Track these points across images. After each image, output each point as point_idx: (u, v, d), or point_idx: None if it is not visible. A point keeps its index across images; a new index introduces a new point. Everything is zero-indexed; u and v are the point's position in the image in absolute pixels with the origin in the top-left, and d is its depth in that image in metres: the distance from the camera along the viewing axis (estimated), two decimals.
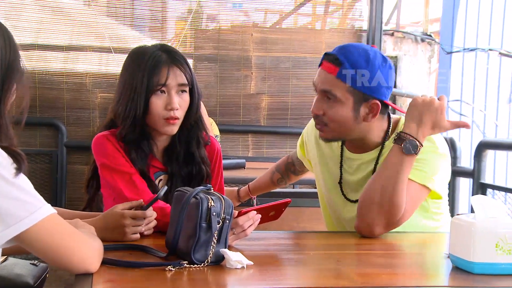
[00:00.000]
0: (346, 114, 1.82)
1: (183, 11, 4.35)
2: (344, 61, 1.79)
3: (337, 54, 1.82)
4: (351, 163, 1.96)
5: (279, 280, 1.39)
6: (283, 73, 4.38)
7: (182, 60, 1.85)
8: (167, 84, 1.81)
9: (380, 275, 1.41)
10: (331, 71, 1.81)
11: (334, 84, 1.81)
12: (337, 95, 1.81)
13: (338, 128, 1.86)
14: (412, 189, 1.77)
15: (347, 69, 1.79)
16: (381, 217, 1.72)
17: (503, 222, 1.39)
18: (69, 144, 4.12)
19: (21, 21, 4.06)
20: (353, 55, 1.80)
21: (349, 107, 1.82)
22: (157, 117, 1.83)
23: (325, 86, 1.83)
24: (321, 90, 1.84)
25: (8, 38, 1.30)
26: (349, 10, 4.55)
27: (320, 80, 1.85)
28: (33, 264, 1.90)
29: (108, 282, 1.27)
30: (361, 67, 1.79)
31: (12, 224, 1.19)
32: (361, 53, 1.81)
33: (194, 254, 1.39)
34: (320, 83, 1.85)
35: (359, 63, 1.79)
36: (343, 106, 1.82)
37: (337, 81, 1.80)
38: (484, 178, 3.66)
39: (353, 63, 1.79)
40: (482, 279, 1.36)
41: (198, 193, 1.43)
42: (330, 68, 1.82)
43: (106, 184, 1.85)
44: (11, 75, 1.29)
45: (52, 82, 4.11)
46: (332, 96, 1.82)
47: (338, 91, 1.81)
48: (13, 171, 1.20)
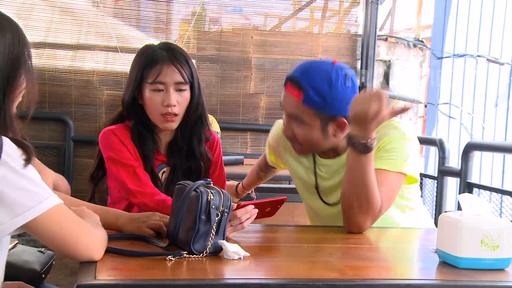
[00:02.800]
0: (315, 134, 1.82)
1: (186, 13, 4.42)
2: (307, 87, 1.76)
3: (300, 79, 1.78)
4: (327, 169, 1.94)
5: (274, 271, 1.40)
6: (281, 74, 4.43)
7: (182, 59, 1.86)
8: (165, 82, 1.84)
9: (370, 268, 1.42)
10: (295, 95, 1.78)
11: (300, 109, 1.78)
12: (304, 119, 1.80)
13: (311, 146, 1.87)
14: (389, 179, 1.78)
15: (310, 95, 1.75)
16: (364, 216, 1.74)
17: (489, 220, 1.40)
18: (76, 139, 4.20)
19: (31, 20, 4.14)
20: (315, 81, 1.76)
21: (317, 128, 1.80)
22: (155, 113, 1.87)
23: (292, 110, 1.81)
24: (289, 114, 1.83)
25: (17, 34, 1.29)
26: (345, 15, 4.62)
27: (286, 104, 1.83)
28: (40, 252, 1.93)
29: (111, 269, 1.28)
30: (324, 92, 1.75)
31: (20, 213, 1.20)
32: (323, 77, 1.77)
33: (193, 245, 1.39)
34: (287, 107, 1.83)
35: (322, 88, 1.76)
36: (311, 129, 1.81)
37: (302, 106, 1.78)
38: (471, 177, 3.70)
39: (315, 88, 1.76)
40: (468, 273, 1.36)
41: (198, 186, 1.44)
42: (294, 93, 1.79)
43: (112, 176, 1.90)
44: (18, 70, 1.28)
45: (60, 79, 4.19)
46: (300, 120, 1.81)
47: (305, 116, 1.79)
48: (22, 162, 1.21)
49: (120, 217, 1.65)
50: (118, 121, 1.95)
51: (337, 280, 1.31)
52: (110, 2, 4.35)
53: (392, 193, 1.81)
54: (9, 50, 1.26)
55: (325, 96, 1.76)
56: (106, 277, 1.23)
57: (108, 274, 1.25)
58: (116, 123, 1.94)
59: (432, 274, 1.43)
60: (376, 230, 1.87)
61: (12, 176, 1.20)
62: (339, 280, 1.31)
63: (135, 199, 1.83)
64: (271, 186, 3.29)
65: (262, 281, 1.28)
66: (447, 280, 1.36)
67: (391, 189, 1.80)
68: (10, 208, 1.20)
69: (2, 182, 1.19)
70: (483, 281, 1.34)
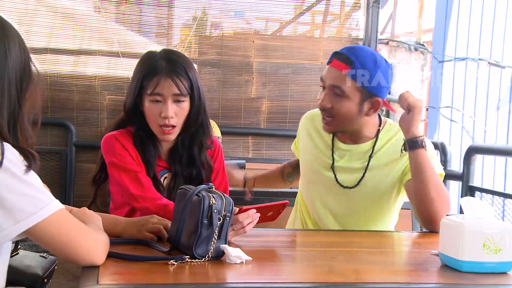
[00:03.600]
0: (352, 108, 1.94)
1: (188, 18, 4.43)
2: (355, 61, 1.90)
3: (348, 54, 1.93)
4: (340, 152, 2.06)
5: (276, 275, 1.40)
6: (282, 79, 4.46)
7: (182, 70, 1.85)
8: (162, 94, 1.83)
9: (373, 272, 1.43)
10: (342, 68, 1.92)
11: (344, 81, 1.91)
12: (346, 91, 1.92)
13: (343, 121, 1.97)
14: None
15: (357, 69, 1.89)
16: (445, 205, 1.83)
17: (491, 223, 1.41)
18: (78, 144, 4.21)
19: (34, 26, 4.16)
20: (362, 57, 1.91)
21: (355, 102, 1.93)
22: (153, 123, 1.87)
23: (335, 82, 1.93)
24: (331, 85, 1.95)
25: (22, 43, 1.31)
26: (346, 19, 4.64)
27: (330, 76, 1.95)
28: (42, 257, 1.91)
29: (114, 274, 1.28)
30: (369, 68, 1.90)
31: (22, 219, 1.20)
32: (370, 55, 1.93)
33: (195, 249, 1.40)
34: (330, 79, 1.94)
35: (368, 64, 1.91)
36: (350, 101, 1.93)
37: (347, 78, 1.91)
38: (473, 181, 3.68)
39: (362, 63, 1.90)
40: (470, 277, 1.37)
41: (200, 191, 1.45)
42: (341, 66, 1.92)
43: (114, 181, 1.89)
44: (28, 78, 1.31)
45: (63, 84, 4.20)
46: (341, 92, 1.93)
47: (347, 88, 1.92)
48: (23, 168, 1.21)
49: (118, 223, 1.66)
50: (120, 126, 1.96)
51: (340, 284, 1.32)
52: (111, 7, 4.37)
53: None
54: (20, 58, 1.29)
55: (370, 72, 1.90)
56: (109, 281, 1.23)
57: (110, 279, 1.25)
58: (118, 128, 1.95)
59: (434, 277, 1.44)
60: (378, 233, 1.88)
61: (14, 182, 1.20)
62: (342, 284, 1.31)
63: (138, 204, 1.83)
64: (272, 190, 3.29)
65: (265, 285, 1.28)
66: (450, 284, 1.36)
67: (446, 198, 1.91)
68: (12, 214, 1.20)
69: (3, 188, 1.19)
70: (486, 285, 1.35)
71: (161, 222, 1.64)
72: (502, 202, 3.79)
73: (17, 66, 1.27)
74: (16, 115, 1.27)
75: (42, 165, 4.05)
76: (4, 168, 1.19)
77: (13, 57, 1.27)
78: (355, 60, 1.90)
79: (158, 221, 1.64)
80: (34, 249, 2.49)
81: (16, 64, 1.27)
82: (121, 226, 1.65)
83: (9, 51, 1.26)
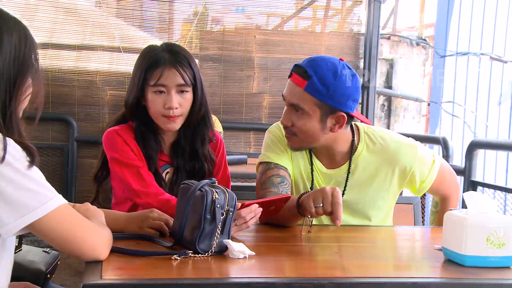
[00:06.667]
0: (313, 125, 1.82)
1: (189, 13, 4.43)
2: (312, 75, 1.77)
3: (306, 67, 1.79)
4: (326, 178, 1.95)
5: (279, 270, 1.40)
6: (284, 74, 4.41)
7: (184, 61, 1.86)
8: (166, 85, 1.84)
9: (376, 267, 1.43)
10: (300, 84, 1.79)
11: (302, 98, 1.79)
12: (304, 108, 1.80)
13: (305, 138, 1.86)
14: (445, 169, 2.00)
15: (314, 83, 1.76)
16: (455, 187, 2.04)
17: (494, 217, 1.41)
18: (80, 139, 4.21)
19: (35, 21, 4.14)
20: (321, 69, 1.78)
21: (316, 119, 1.81)
22: (157, 114, 1.87)
23: (293, 99, 1.81)
24: (289, 103, 1.84)
25: (24, 35, 1.30)
26: (348, 14, 4.62)
27: (288, 92, 1.84)
28: (45, 252, 1.94)
29: (117, 269, 1.28)
30: (328, 81, 1.76)
31: (25, 214, 1.21)
32: (330, 66, 1.78)
33: (198, 244, 1.40)
34: (289, 96, 1.83)
35: (327, 77, 1.77)
36: (310, 119, 1.81)
37: (305, 94, 1.78)
38: (475, 176, 3.68)
39: (321, 77, 1.77)
40: (473, 271, 1.37)
41: (203, 186, 1.45)
42: (298, 81, 1.80)
43: (116, 177, 1.89)
44: (25, 72, 1.28)
45: (64, 80, 4.20)
46: (300, 109, 1.81)
47: (306, 105, 1.79)
48: (26, 164, 1.22)
49: (119, 219, 1.65)
50: (122, 121, 1.95)
51: (343, 278, 1.32)
52: (112, 2, 4.36)
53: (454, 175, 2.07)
54: (15, 52, 1.27)
55: (329, 85, 1.77)
56: (112, 276, 1.23)
57: (114, 274, 1.25)
58: (120, 123, 1.94)
59: (437, 272, 1.44)
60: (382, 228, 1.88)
61: (17, 177, 1.21)
62: (345, 279, 1.31)
63: (140, 200, 1.83)
64: None
65: (268, 280, 1.27)
66: (453, 278, 1.36)
67: (452, 173, 2.04)
68: (15, 208, 1.21)
69: (7, 183, 1.20)
70: (489, 279, 1.34)
71: (161, 217, 1.64)
72: (504, 196, 3.79)
73: (10, 60, 1.26)
74: (7, 109, 1.26)
75: (43, 161, 4.10)
76: (7, 163, 1.20)
77: (6, 50, 1.25)
78: (312, 75, 1.77)
79: (158, 216, 1.64)
80: (37, 244, 2.50)
81: (9, 58, 1.25)
82: (121, 223, 1.64)
83: (1, 43, 1.25)
